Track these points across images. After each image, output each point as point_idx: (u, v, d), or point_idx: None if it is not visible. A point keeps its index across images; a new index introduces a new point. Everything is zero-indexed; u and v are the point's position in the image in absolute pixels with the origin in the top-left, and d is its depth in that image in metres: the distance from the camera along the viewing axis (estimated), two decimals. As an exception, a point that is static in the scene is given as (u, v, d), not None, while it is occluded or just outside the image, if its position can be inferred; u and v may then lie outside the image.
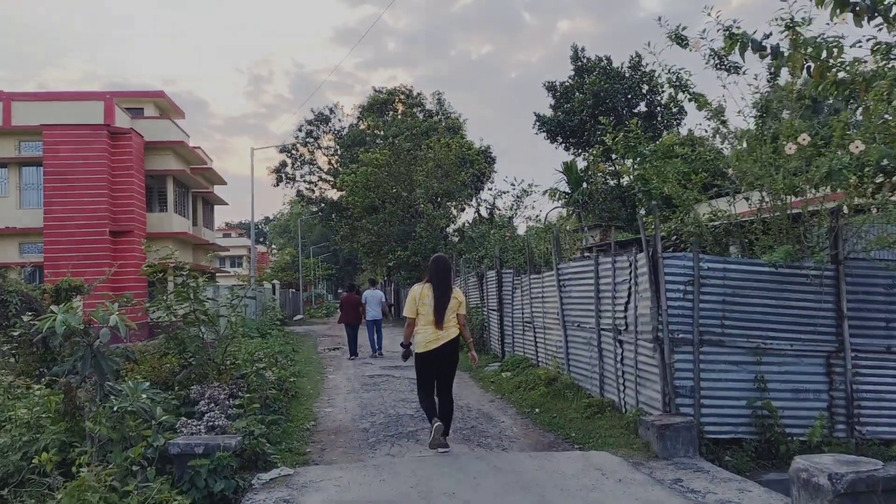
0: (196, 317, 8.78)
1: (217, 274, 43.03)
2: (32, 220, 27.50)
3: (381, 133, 42.59)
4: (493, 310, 16.25)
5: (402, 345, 7.70)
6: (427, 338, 7.14)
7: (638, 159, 9.01)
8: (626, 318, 8.43)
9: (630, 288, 8.26)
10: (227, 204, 41.77)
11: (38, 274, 27.76)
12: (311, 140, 51.88)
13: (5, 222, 27.38)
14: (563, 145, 34.60)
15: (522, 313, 13.53)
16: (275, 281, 38.75)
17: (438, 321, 7.11)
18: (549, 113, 34.64)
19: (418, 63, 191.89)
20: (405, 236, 31.45)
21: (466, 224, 34.54)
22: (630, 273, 8.26)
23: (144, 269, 9.50)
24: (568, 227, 21.07)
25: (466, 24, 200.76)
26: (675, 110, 33.30)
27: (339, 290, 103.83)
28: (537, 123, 34.61)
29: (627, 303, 8.37)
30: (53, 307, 5.69)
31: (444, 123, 43.50)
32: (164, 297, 9.12)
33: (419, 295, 7.25)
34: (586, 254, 14.49)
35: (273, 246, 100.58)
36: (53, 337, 6.05)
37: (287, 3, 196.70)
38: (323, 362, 18.03)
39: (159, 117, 32.47)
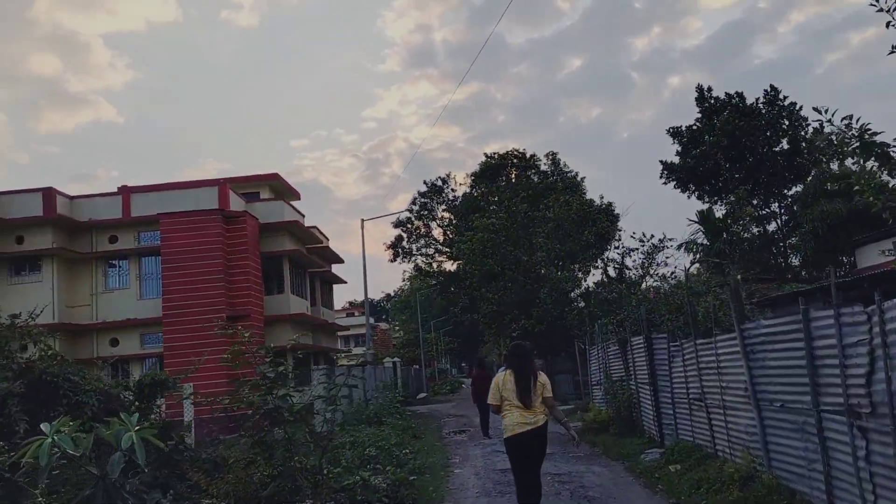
0: (279, 414, 6.91)
1: (338, 355, 42.13)
2: (152, 310, 27.37)
3: (496, 199, 40.98)
4: (644, 383, 13.62)
5: (482, 425, 8.47)
6: (514, 421, 7.22)
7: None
8: (870, 395, 5.82)
9: (873, 352, 5.69)
10: (345, 282, 41.14)
11: (158, 365, 27.43)
12: (426, 213, 51.16)
13: (126, 314, 27.37)
14: (696, 193, 31.61)
15: (687, 388, 10.89)
16: (396, 359, 37.24)
17: (525, 406, 7.19)
18: (676, 160, 31.93)
19: (528, 132, 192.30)
20: (528, 303, 29.18)
21: (593, 286, 31.90)
22: (870, 330, 5.71)
23: (226, 355, 7.76)
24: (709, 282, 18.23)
25: (574, 90, 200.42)
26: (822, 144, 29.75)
27: (463, 364, 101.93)
28: (664, 172, 31.93)
29: (871, 373, 5.78)
30: (44, 426, 3.89)
31: (560, 184, 41.44)
32: (244, 389, 7.35)
33: (501, 381, 7.40)
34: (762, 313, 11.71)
35: (395, 323, 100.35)
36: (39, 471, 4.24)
37: (399, 92, 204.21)
38: (448, 450, 15.84)
39: (274, 199, 32.27)
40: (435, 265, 50.60)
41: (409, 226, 50.78)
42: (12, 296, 26.52)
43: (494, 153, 47.00)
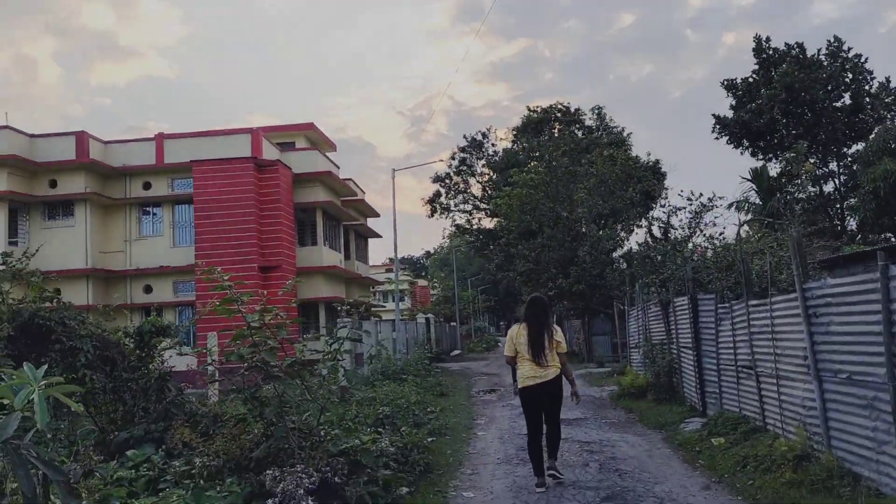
0: (268, 370, 6.14)
1: (374, 309, 41.73)
2: (185, 257, 27.06)
3: (537, 154, 39.63)
4: (687, 347, 12.60)
5: (514, 381, 7.85)
6: (526, 374, 7.47)
7: None
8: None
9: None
10: (380, 237, 40.46)
11: (191, 313, 27.22)
12: (465, 168, 49.96)
13: (160, 261, 27.13)
14: (749, 150, 29.90)
15: (735, 353, 9.87)
16: (429, 315, 36.63)
17: (536, 359, 7.39)
18: (729, 115, 30.18)
19: (576, 90, 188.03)
20: (566, 262, 28.12)
21: (636, 246, 30.64)
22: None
23: (215, 306, 7.00)
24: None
25: (625, 47, 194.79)
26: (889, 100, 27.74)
27: (501, 323, 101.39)
28: (717, 127, 30.23)
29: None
30: None
31: (605, 139, 39.84)
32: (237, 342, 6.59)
33: (515, 334, 7.63)
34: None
35: (434, 280, 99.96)
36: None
37: (445, 46, 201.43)
38: (474, 410, 15.12)
39: (308, 149, 31.55)
40: (473, 222, 49.62)
41: (447, 181, 49.69)
42: (46, 239, 26.46)
43: (538, 107, 45.46)
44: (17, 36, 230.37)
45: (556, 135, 41.98)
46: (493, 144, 49.27)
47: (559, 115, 45.09)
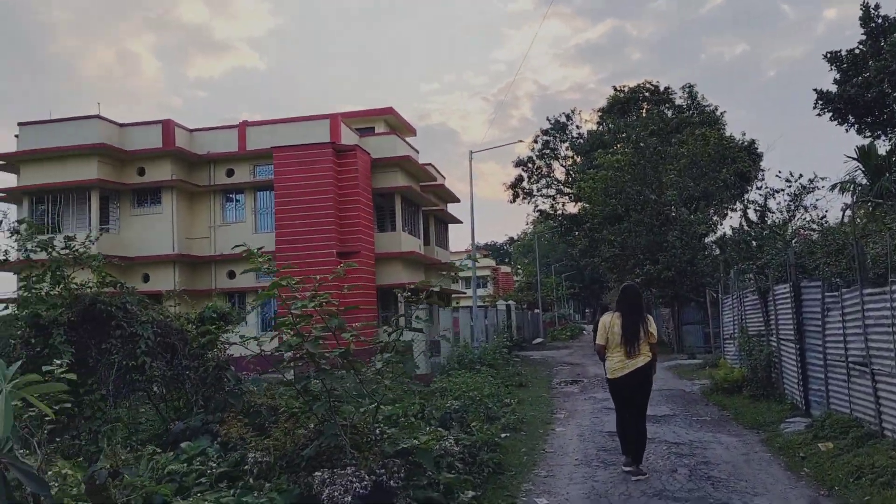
0: (315, 362, 5.64)
1: (454, 296, 41.32)
2: (267, 243, 27.23)
3: (623, 135, 38.11)
4: (788, 340, 11.47)
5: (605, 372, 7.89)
6: (615, 364, 7.48)
7: None
8: None
9: None
10: (461, 222, 39.89)
11: (272, 299, 27.46)
12: (548, 151, 48.76)
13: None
14: (855, 126, 27.66)
15: (846, 348, 8.77)
16: (510, 301, 35.88)
17: (628, 349, 7.40)
18: (833, 89, 27.97)
19: (665, 71, 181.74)
20: (655, 247, 26.81)
21: (730, 231, 28.91)
22: None
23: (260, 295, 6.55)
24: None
25: (717, 25, 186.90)
26: None
27: (587, 310, 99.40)
28: (819, 102, 28.08)
29: None
30: None
31: (697, 118, 37.89)
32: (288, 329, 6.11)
33: (608, 323, 7.56)
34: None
35: (517, 266, 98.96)
36: None
37: (528, 29, 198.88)
38: (554, 403, 14.37)
39: (387, 133, 31.26)
40: (557, 207, 48.41)
41: (529, 165, 48.63)
42: (135, 226, 27.28)
43: (624, 86, 43.73)
44: (119, 32, 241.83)
45: (643, 115, 40.28)
46: (577, 126, 47.92)
47: (647, 94, 43.26)
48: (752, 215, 30.59)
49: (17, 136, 26.77)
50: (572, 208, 45.62)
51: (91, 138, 25.92)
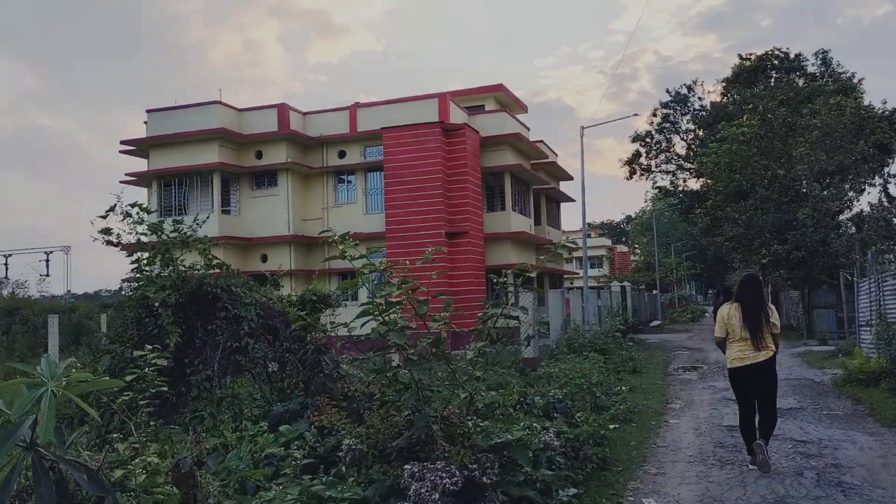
0: (400, 350, 5.42)
1: (566, 276, 40.53)
2: (377, 224, 27.64)
3: (750, 106, 35.83)
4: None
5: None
6: (736, 354, 7.24)
7: None
8: None
9: None
10: (573, 200, 38.95)
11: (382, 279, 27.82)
12: (668, 125, 46.64)
13: (354, 228, 27.78)
14: None
15: None
16: (625, 283, 34.75)
17: (749, 341, 7.14)
18: None
19: (797, 38, 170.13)
20: (783, 226, 25.06)
21: (871, 207, 26.63)
22: None
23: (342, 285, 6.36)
24: None
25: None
26: None
27: (710, 291, 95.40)
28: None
29: None
30: None
31: (831, 87, 35.04)
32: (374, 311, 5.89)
33: (727, 315, 7.34)
34: None
35: (635, 246, 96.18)
36: None
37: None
38: (669, 391, 13.64)
39: (496, 111, 30.80)
40: (677, 183, 46.34)
41: (648, 140, 46.72)
42: (254, 207, 28.30)
43: (751, 54, 41.05)
44: (245, 21, 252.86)
45: (771, 84, 37.70)
46: (699, 98, 45.50)
47: (776, 62, 40.48)
48: (893, 190, 28.11)
49: (145, 122, 28.33)
50: (694, 184, 43.60)
51: (212, 123, 27.07)
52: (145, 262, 8.51)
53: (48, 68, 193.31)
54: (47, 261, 50.42)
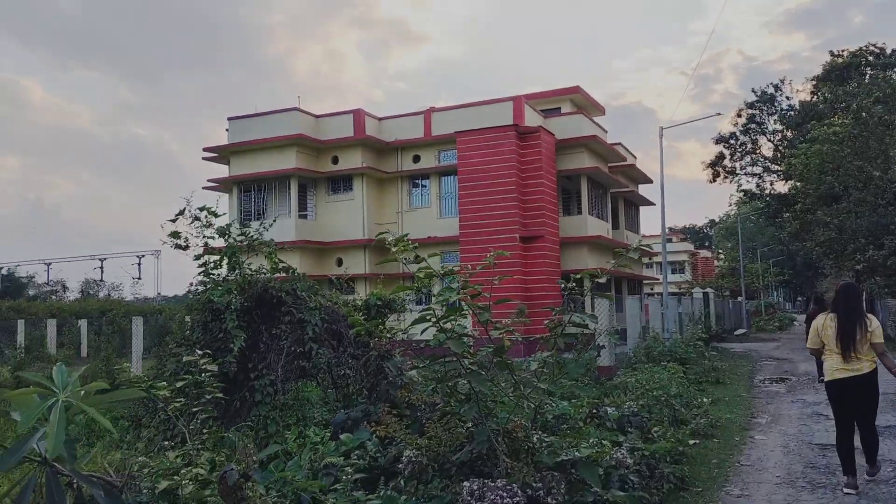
0: (458, 360, 5.12)
1: (645, 282, 39.39)
2: (450, 228, 27.46)
3: (843, 104, 33.92)
4: None
5: (818, 372, 8.38)
6: (833, 366, 6.91)
7: None
8: None
9: None
10: (653, 204, 37.81)
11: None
12: (753, 126, 44.84)
13: (428, 232, 27.80)
14: None
15: None
16: (708, 289, 33.43)
17: (845, 352, 6.79)
18: None
19: (894, 35, 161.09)
20: (880, 230, 23.54)
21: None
22: None
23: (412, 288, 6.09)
24: None
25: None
26: None
27: (798, 299, 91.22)
28: None
29: None
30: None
31: (935, 81, 32.79)
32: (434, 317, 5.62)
33: (822, 326, 7.07)
34: None
35: (719, 251, 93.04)
36: None
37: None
38: (755, 405, 12.87)
39: (573, 113, 30.19)
40: (764, 186, 44.45)
41: (732, 142, 45.05)
42: (330, 212, 28.62)
43: (844, 50, 39.04)
44: (327, 32, 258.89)
45: (866, 81, 35.63)
46: (787, 98, 43.66)
47: (871, 58, 38.33)
48: None
49: (227, 129, 29.07)
50: (781, 187, 41.72)
51: (290, 130, 27.50)
52: (212, 265, 8.52)
53: (142, 81, 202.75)
54: (139, 264, 52.59)
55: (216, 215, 8.78)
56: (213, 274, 8.42)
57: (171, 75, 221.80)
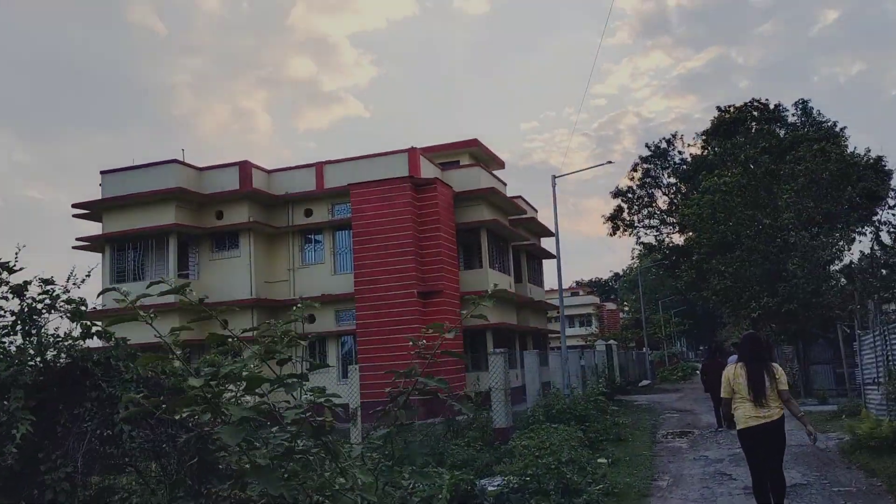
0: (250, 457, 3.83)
1: (551, 335, 38.96)
2: (346, 285, 26.11)
3: (731, 156, 34.94)
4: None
5: (722, 419, 8.38)
6: (746, 413, 7.03)
7: None
8: None
9: None
10: (555, 257, 37.60)
11: (352, 343, 26.17)
12: (649, 180, 45.90)
13: (322, 289, 26.34)
14: None
15: None
16: (611, 341, 33.16)
17: (756, 400, 6.96)
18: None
19: (775, 96, 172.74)
20: (772, 277, 23.73)
21: (862, 255, 25.44)
22: None
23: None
24: None
25: (830, 46, 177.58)
26: None
27: (700, 348, 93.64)
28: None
29: None
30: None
31: (814, 134, 34.32)
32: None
33: (732, 375, 7.23)
34: None
35: (624, 303, 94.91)
36: None
37: (630, 65, 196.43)
38: (656, 465, 12.00)
39: (469, 166, 29.71)
40: (661, 238, 45.31)
41: (630, 195, 45.89)
42: (214, 270, 26.73)
43: (730, 105, 40.52)
44: (234, 90, 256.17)
45: (752, 134, 37.00)
46: (679, 152, 44.91)
47: (756, 113, 39.91)
48: (885, 238, 27.02)
49: (101, 184, 26.94)
50: (678, 239, 42.53)
51: (169, 183, 25.68)
52: (4, 331, 6.94)
53: (38, 140, 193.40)
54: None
55: (11, 271, 7.23)
56: (2, 343, 6.85)
57: (69, 135, 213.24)
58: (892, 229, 27.29)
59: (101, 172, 26.95)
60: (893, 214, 28.53)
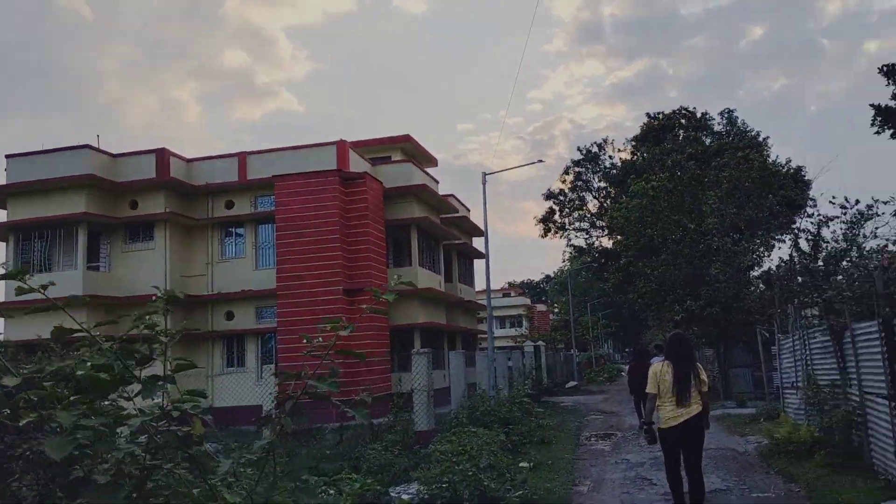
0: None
1: (479, 336, 38.71)
2: (268, 281, 25.15)
3: (659, 162, 35.47)
4: (876, 395, 8.75)
5: (641, 423, 8.58)
6: (668, 414, 7.17)
7: None
8: None
9: None
10: (483, 257, 37.41)
11: (273, 342, 25.25)
12: (580, 183, 46.37)
13: (242, 285, 25.31)
14: (922, 144, 24.74)
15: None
16: (540, 342, 33.13)
17: (680, 398, 7.11)
18: (893, 104, 25.13)
19: (703, 107, 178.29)
20: (696, 281, 24.03)
21: (781, 262, 25.99)
22: None
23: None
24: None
25: (755, 61, 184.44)
26: None
27: (627, 350, 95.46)
28: (877, 119, 25.22)
29: None
30: None
31: (738, 143, 35.15)
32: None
33: (660, 372, 7.32)
34: None
35: (554, 305, 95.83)
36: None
37: (565, 72, 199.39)
38: (577, 469, 11.72)
39: (401, 161, 29.15)
40: (591, 241, 45.83)
41: (561, 198, 46.25)
42: (127, 262, 25.33)
43: (659, 113, 41.25)
44: (164, 80, 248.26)
45: (680, 140, 37.68)
46: (609, 157, 45.54)
47: (683, 121, 40.73)
48: (804, 245, 27.67)
49: (6, 169, 25.16)
50: (607, 242, 43.04)
51: (80, 169, 24.12)
52: None
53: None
54: None
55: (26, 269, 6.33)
56: None
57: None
58: (810, 237, 28.08)
59: (7, 157, 25.07)
60: (811, 223, 29.35)
